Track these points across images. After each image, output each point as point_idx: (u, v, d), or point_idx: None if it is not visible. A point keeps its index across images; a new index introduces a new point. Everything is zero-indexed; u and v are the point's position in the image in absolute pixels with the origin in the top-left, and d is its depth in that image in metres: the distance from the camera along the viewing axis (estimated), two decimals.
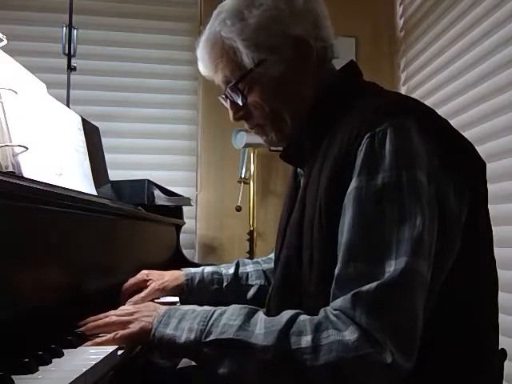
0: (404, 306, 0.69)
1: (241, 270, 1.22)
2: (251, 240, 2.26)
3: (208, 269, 1.22)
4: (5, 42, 1.06)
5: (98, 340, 0.77)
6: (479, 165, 0.85)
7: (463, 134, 0.87)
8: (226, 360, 0.72)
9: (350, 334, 0.67)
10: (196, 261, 2.34)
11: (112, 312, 0.84)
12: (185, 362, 1.40)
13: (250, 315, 0.75)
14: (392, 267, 0.69)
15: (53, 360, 0.66)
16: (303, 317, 0.72)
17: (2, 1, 2.34)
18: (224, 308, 0.78)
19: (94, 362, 0.64)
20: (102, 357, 0.67)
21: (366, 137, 0.75)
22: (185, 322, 0.76)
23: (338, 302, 0.71)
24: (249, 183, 2.31)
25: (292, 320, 0.72)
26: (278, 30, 0.85)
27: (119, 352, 0.74)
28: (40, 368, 0.62)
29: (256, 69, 0.86)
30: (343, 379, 0.68)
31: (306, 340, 0.69)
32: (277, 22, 0.85)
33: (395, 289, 0.68)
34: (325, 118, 0.87)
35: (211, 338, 0.73)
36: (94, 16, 2.41)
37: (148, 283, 1.14)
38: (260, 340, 0.70)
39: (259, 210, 2.38)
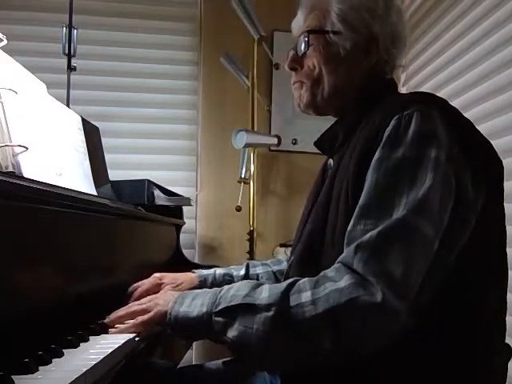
0: (398, 252, 0.72)
1: (251, 271, 1.25)
2: (251, 240, 2.25)
3: (219, 270, 1.26)
4: (5, 42, 1.06)
5: (121, 326, 0.86)
6: (497, 164, 0.88)
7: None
8: (234, 324, 0.77)
9: (344, 282, 0.72)
10: (196, 261, 2.34)
11: (132, 303, 0.94)
12: (185, 362, 1.40)
13: (255, 287, 0.81)
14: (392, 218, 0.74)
15: (53, 360, 0.66)
16: (303, 279, 0.78)
17: (2, 1, 2.34)
18: (232, 284, 0.85)
19: (94, 362, 0.64)
20: (101, 357, 0.67)
21: (394, 119, 0.81)
22: (197, 299, 0.83)
23: (342, 254, 0.76)
24: (249, 183, 2.31)
25: (293, 283, 0.77)
26: (365, 19, 0.95)
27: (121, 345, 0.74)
28: (40, 368, 0.62)
29: (330, 34, 0.96)
30: (340, 325, 0.71)
31: (306, 296, 0.74)
32: (370, 13, 0.95)
33: (391, 235, 0.73)
34: (358, 113, 0.94)
35: (221, 306, 0.79)
36: (93, 16, 2.41)
37: (162, 286, 1.15)
38: (264, 301, 0.76)
39: (259, 210, 2.38)
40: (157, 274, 1.18)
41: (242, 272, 1.24)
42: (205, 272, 1.25)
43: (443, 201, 0.76)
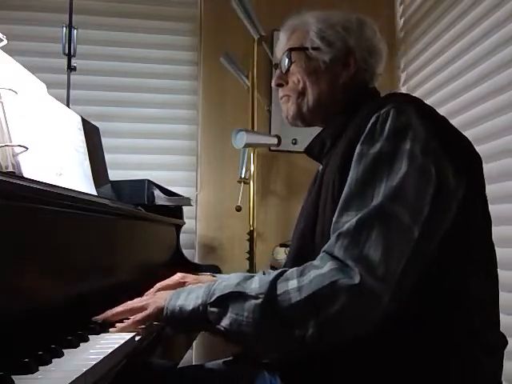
0: (376, 237, 0.75)
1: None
2: (251, 240, 2.25)
3: None
4: (5, 42, 1.06)
5: (120, 325, 0.86)
6: (476, 157, 0.91)
7: (463, 133, 0.91)
8: (227, 312, 0.80)
9: (326, 267, 0.76)
10: (196, 261, 2.34)
11: (129, 301, 0.93)
12: (185, 362, 1.40)
13: (247, 278, 0.84)
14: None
15: (53, 360, 0.66)
16: (291, 269, 0.81)
17: (2, 1, 2.33)
18: (225, 277, 0.88)
19: (94, 362, 0.64)
20: (101, 357, 0.67)
21: (373, 117, 0.85)
22: (193, 293, 0.86)
23: (326, 244, 0.80)
24: (249, 183, 2.30)
25: (281, 273, 0.81)
26: (341, 35, 1.04)
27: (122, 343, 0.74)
28: (40, 368, 0.62)
29: (310, 50, 1.04)
30: (321, 310, 0.74)
31: (292, 283, 0.77)
32: (345, 30, 1.04)
33: (369, 222, 0.77)
34: (344, 120, 0.98)
35: (215, 297, 0.82)
36: (93, 16, 2.41)
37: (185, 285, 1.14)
38: (254, 290, 0.79)
39: (259, 210, 2.38)
40: (179, 274, 1.18)
41: None
42: (225, 276, 1.26)
43: (420, 189, 0.78)
